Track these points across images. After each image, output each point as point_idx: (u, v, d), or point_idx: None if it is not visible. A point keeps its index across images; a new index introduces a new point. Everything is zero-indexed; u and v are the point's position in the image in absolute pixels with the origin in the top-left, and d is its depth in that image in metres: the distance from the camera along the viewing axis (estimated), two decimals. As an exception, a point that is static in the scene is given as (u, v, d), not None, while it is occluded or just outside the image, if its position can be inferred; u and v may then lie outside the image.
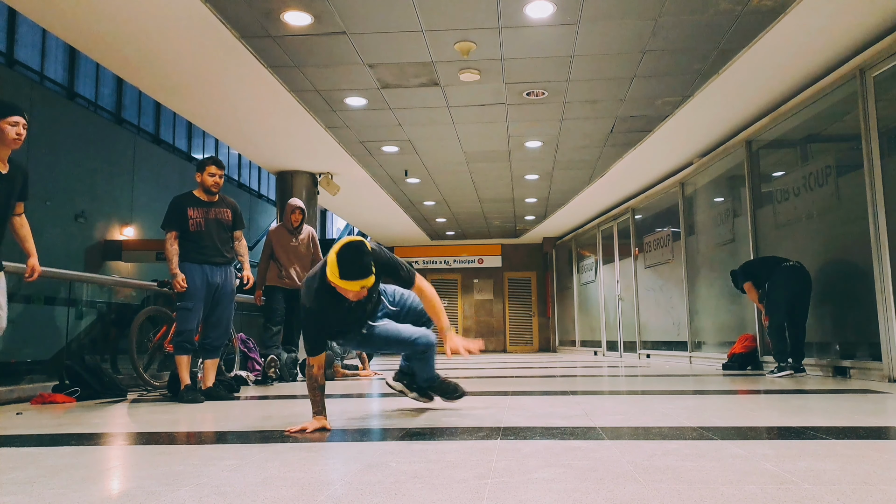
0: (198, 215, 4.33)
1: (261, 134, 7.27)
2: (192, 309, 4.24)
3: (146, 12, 4.51)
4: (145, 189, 14.86)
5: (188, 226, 4.30)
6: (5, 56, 11.32)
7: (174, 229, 4.31)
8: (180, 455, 2.20)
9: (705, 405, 3.42)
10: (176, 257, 4.26)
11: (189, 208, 4.33)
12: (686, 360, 8.33)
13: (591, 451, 2.09)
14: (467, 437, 2.46)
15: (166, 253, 4.28)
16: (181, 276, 4.21)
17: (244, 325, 7.81)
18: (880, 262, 4.81)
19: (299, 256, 6.08)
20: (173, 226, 4.31)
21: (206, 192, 4.41)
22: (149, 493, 1.63)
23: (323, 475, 1.82)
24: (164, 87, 5.96)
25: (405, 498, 1.55)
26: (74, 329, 5.80)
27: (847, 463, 1.85)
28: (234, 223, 4.52)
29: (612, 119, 6.82)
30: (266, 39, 4.91)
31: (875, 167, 4.87)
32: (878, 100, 4.93)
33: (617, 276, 11.32)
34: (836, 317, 5.60)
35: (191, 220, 4.31)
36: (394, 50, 5.15)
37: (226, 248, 4.43)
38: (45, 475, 1.91)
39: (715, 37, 4.92)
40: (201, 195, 4.42)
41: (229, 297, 4.43)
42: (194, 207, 4.35)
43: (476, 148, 7.88)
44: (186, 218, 4.30)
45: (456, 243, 15.46)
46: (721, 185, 7.86)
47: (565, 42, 5.04)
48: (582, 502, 1.49)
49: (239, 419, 3.25)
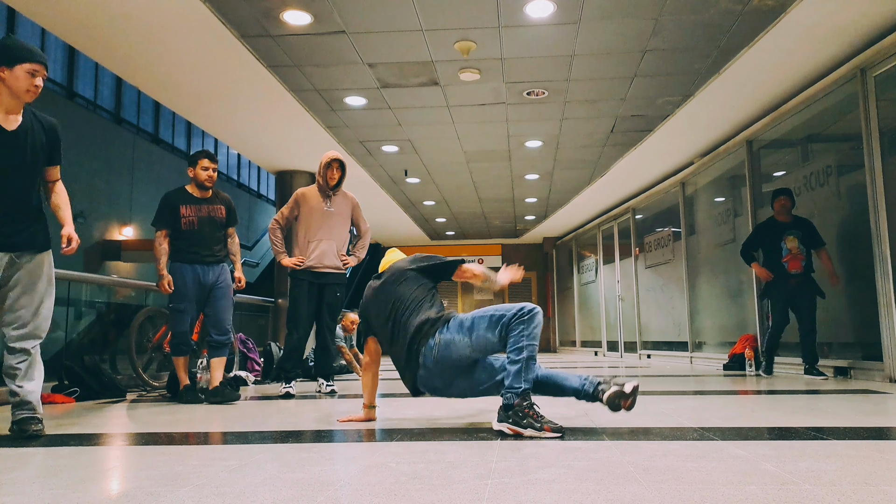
0: (191, 213, 4.18)
1: (260, 133, 7.27)
2: (183, 310, 4.13)
3: (145, 12, 4.50)
4: (144, 189, 14.85)
5: (180, 224, 4.14)
6: (5, 56, 11.32)
7: (165, 227, 4.15)
8: (180, 455, 2.19)
9: (706, 406, 3.41)
10: (165, 257, 4.11)
11: (182, 206, 4.17)
12: (687, 361, 8.32)
13: (591, 452, 2.08)
14: (467, 437, 2.46)
15: (155, 252, 4.14)
16: (168, 278, 4.08)
17: (244, 325, 7.81)
18: (881, 262, 4.80)
19: (331, 230, 4.60)
20: (164, 224, 4.15)
21: (199, 188, 4.26)
22: (148, 494, 1.63)
23: (323, 475, 1.82)
24: (163, 87, 5.96)
25: (405, 498, 1.54)
26: (73, 329, 5.80)
27: (848, 463, 1.85)
28: (227, 220, 4.35)
29: (613, 119, 6.82)
30: (266, 39, 4.91)
31: (876, 167, 4.86)
32: (879, 99, 4.93)
33: (617, 276, 11.31)
34: (837, 317, 5.59)
35: (183, 218, 4.15)
36: (394, 49, 5.14)
37: (219, 247, 4.28)
38: (45, 475, 1.90)
39: (716, 36, 4.91)
40: (194, 191, 4.26)
41: (225, 291, 4.25)
42: (187, 205, 4.19)
43: (476, 148, 7.88)
44: (179, 216, 4.15)
45: (456, 243, 15.45)
46: (722, 185, 7.86)
47: (566, 41, 5.04)
48: (582, 503, 1.48)
49: (238, 419, 3.24)
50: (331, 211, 4.59)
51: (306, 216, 4.56)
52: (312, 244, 4.53)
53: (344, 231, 4.67)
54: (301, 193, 4.64)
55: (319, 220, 4.56)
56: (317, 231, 4.54)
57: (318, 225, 4.55)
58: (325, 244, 4.54)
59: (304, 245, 4.55)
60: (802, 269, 5.37)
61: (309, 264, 4.51)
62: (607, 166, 8.71)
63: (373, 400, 3.02)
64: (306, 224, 4.56)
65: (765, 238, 5.58)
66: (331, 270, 4.58)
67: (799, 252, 5.38)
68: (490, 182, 9.66)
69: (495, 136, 7.43)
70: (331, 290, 4.60)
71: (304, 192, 4.64)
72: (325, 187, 4.58)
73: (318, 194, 4.60)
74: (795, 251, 5.40)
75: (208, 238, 4.21)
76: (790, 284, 5.38)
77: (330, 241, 4.56)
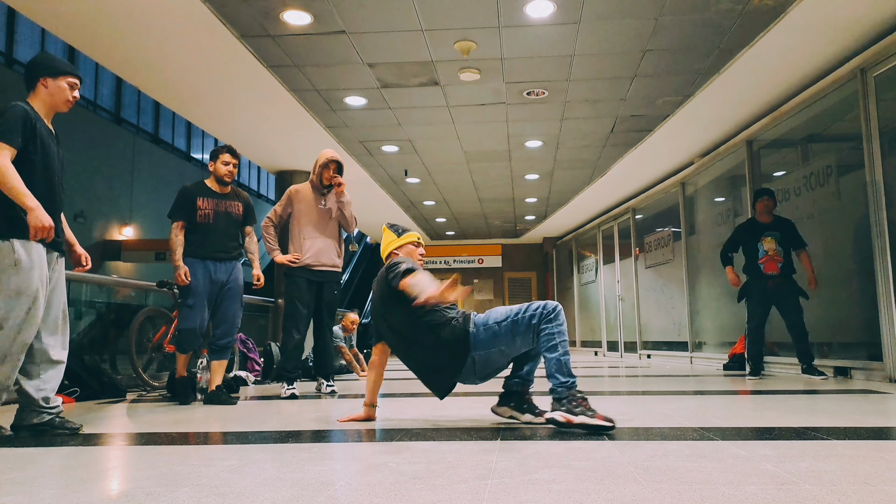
0: (207, 206, 4.10)
1: (260, 133, 7.27)
2: (192, 306, 4.01)
3: (145, 12, 4.50)
4: (144, 189, 14.86)
5: (196, 217, 4.06)
6: (5, 56, 11.32)
7: (181, 219, 4.07)
8: (180, 455, 2.19)
9: (706, 405, 3.41)
10: (180, 248, 4.02)
11: (199, 198, 4.09)
12: (687, 361, 8.33)
13: (591, 452, 2.08)
14: (467, 437, 2.46)
15: (170, 244, 4.04)
16: (184, 269, 3.98)
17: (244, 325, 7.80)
18: (882, 262, 4.80)
19: (327, 227, 4.57)
20: (180, 215, 4.07)
21: (219, 183, 4.18)
22: (148, 494, 1.63)
23: (323, 475, 1.82)
24: (163, 87, 5.96)
25: (405, 498, 1.54)
26: (73, 329, 5.79)
27: (848, 463, 1.85)
28: (244, 218, 4.27)
29: (613, 118, 6.82)
30: (266, 39, 4.91)
31: (876, 167, 4.86)
32: (879, 100, 4.93)
33: (617, 276, 11.31)
34: (838, 317, 5.59)
35: (199, 210, 4.07)
36: (394, 49, 5.14)
37: (233, 245, 4.17)
38: (45, 475, 1.90)
39: (715, 36, 4.92)
40: (213, 185, 4.18)
41: (236, 292, 4.15)
42: (205, 198, 4.11)
43: (476, 147, 7.88)
44: (195, 208, 4.07)
45: (456, 243, 15.45)
46: (722, 185, 7.86)
47: (566, 41, 5.04)
48: (582, 503, 1.48)
49: (238, 420, 3.24)
50: (327, 208, 4.56)
51: (301, 214, 4.51)
52: (308, 242, 4.47)
53: (335, 230, 4.65)
54: (294, 190, 4.59)
55: (315, 218, 4.52)
56: (313, 229, 4.51)
57: (314, 222, 4.51)
58: (322, 241, 4.50)
59: (299, 242, 4.49)
60: (780, 270, 5.32)
61: (307, 262, 4.46)
62: (607, 166, 8.71)
63: (374, 399, 3.02)
64: (302, 221, 4.51)
65: (743, 238, 5.57)
66: (329, 269, 4.55)
67: (776, 254, 5.35)
68: (490, 182, 9.66)
69: (495, 136, 7.43)
70: (329, 288, 4.57)
71: (298, 189, 4.59)
72: (319, 185, 4.54)
73: (312, 191, 4.56)
74: (772, 252, 5.36)
75: (223, 233, 4.12)
76: (767, 286, 5.35)
77: (326, 238, 4.52)
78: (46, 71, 2.82)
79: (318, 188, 4.56)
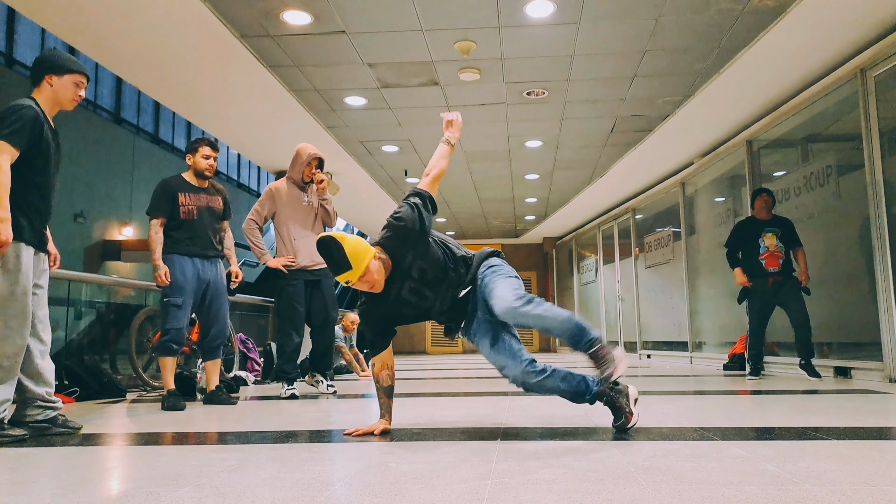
0: (190, 202, 3.93)
1: (260, 133, 7.27)
2: (180, 305, 3.83)
3: (145, 11, 4.50)
4: (144, 189, 14.84)
5: (179, 213, 3.89)
6: (5, 56, 11.32)
7: (162, 216, 3.88)
8: (180, 455, 2.19)
9: (706, 406, 3.41)
10: (160, 247, 3.84)
11: (180, 193, 3.91)
12: (687, 361, 8.33)
13: (591, 452, 2.08)
14: (467, 437, 2.46)
15: (150, 242, 3.87)
16: (164, 269, 3.81)
17: (244, 325, 7.81)
18: (881, 262, 4.80)
19: (314, 223, 4.51)
20: (161, 212, 3.88)
21: (198, 177, 4.02)
22: (148, 494, 1.63)
23: (323, 475, 1.82)
24: (163, 87, 5.96)
25: (405, 498, 1.54)
26: (73, 329, 5.79)
27: (848, 463, 1.85)
28: (224, 212, 4.14)
29: (613, 119, 6.82)
30: (265, 39, 4.91)
31: (876, 167, 4.86)
32: (879, 100, 4.92)
33: (617, 276, 11.31)
34: (838, 317, 5.59)
35: (182, 206, 3.90)
36: (394, 49, 5.14)
37: (217, 240, 4.06)
38: (45, 475, 1.90)
39: (716, 36, 4.91)
40: (192, 179, 4.02)
41: (223, 290, 4.06)
42: (186, 193, 3.94)
43: (476, 148, 7.88)
44: (177, 204, 3.89)
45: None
46: (722, 185, 7.86)
47: (566, 41, 5.04)
48: (582, 503, 1.48)
49: (238, 420, 3.24)
50: (310, 204, 4.50)
51: (286, 212, 4.42)
52: (299, 242, 4.40)
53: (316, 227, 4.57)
54: (275, 188, 4.49)
55: (302, 216, 4.45)
56: (300, 227, 4.43)
57: (299, 220, 4.44)
58: (312, 239, 4.36)
59: (290, 244, 4.41)
60: (781, 266, 5.29)
61: (304, 264, 4.39)
62: (607, 166, 8.71)
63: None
64: (287, 220, 4.42)
65: (743, 235, 5.53)
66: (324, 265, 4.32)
67: (777, 249, 5.33)
68: (490, 182, 9.66)
69: (495, 136, 7.43)
70: (328, 282, 4.48)
71: (278, 187, 4.50)
72: (300, 182, 4.48)
73: (292, 188, 4.47)
74: (773, 248, 5.34)
75: (209, 230, 4.01)
76: (768, 285, 5.31)
77: (315, 234, 4.41)
78: (53, 68, 2.82)
79: (300, 184, 4.50)
